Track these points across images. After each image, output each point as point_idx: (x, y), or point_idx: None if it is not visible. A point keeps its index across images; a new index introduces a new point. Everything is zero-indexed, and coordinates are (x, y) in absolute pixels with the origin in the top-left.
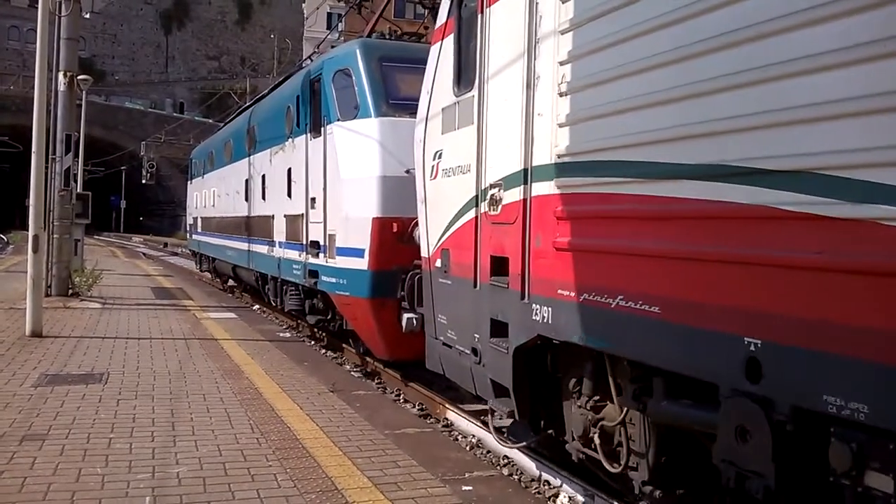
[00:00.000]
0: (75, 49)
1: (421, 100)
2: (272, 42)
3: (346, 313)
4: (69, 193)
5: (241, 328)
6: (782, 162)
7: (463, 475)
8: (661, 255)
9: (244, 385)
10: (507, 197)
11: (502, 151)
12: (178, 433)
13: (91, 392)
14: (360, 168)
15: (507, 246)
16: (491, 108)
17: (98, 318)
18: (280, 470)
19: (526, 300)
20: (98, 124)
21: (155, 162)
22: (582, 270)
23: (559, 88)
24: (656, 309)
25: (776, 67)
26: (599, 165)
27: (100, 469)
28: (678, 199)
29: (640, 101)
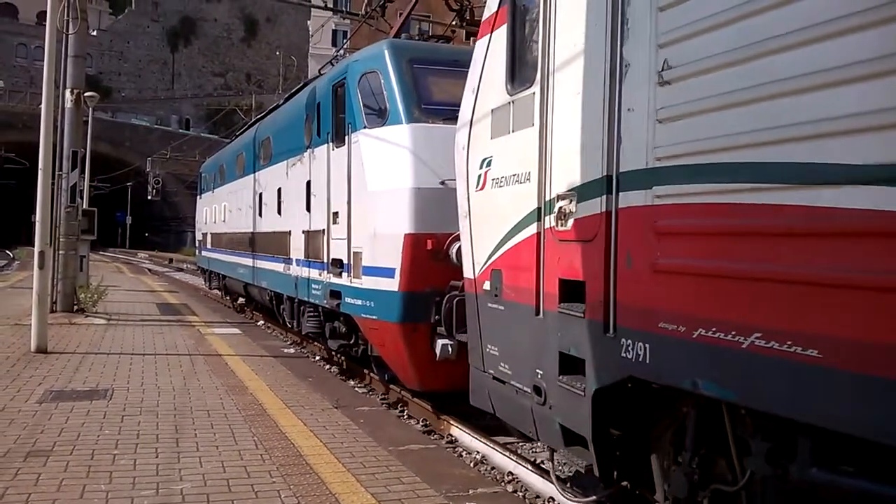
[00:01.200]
0: (82, 66)
1: (464, 102)
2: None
3: (373, 339)
4: (75, 209)
5: (246, 344)
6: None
7: (467, 492)
8: (830, 282)
9: (248, 401)
10: (582, 210)
11: (574, 156)
12: (183, 449)
13: (95, 408)
14: (389, 179)
15: (582, 267)
16: (558, 105)
17: (103, 334)
18: (284, 486)
19: (611, 333)
20: (104, 141)
21: (161, 178)
22: (698, 299)
23: (659, 77)
24: (815, 352)
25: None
26: (724, 169)
27: (104, 485)
28: (852, 212)
29: (797, 83)
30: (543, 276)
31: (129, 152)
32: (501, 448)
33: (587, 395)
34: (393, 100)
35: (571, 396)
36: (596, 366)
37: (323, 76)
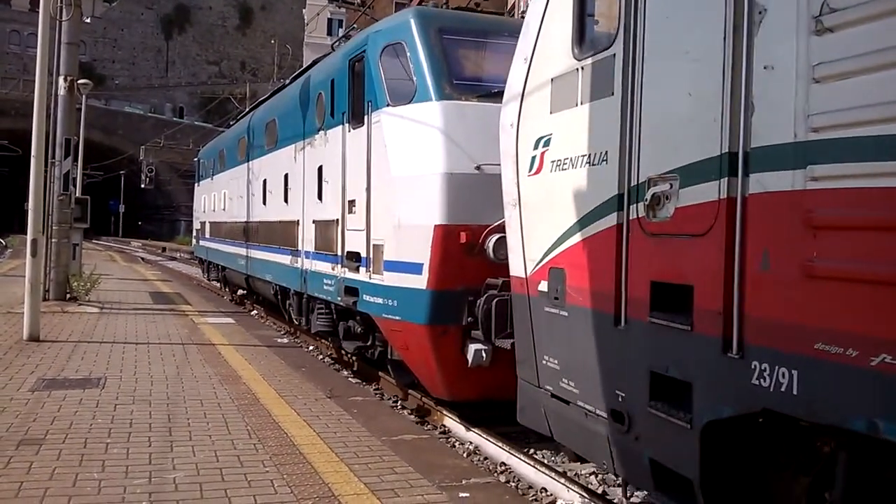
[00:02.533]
0: (76, 53)
1: (513, 72)
2: (272, 47)
3: (396, 341)
4: (68, 198)
5: (239, 333)
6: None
7: (460, 482)
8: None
9: (241, 390)
10: (689, 196)
11: (676, 130)
12: (176, 438)
13: (88, 397)
14: (417, 163)
15: (687, 268)
16: (651, 68)
17: (96, 323)
18: (277, 476)
19: (734, 353)
20: (98, 128)
21: (154, 166)
22: (879, 314)
23: (817, 24)
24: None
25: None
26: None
27: (96, 474)
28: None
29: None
30: (627, 278)
31: (123, 140)
32: (494, 438)
33: (695, 427)
34: (421, 74)
35: (670, 428)
36: (710, 393)
37: (336, 51)
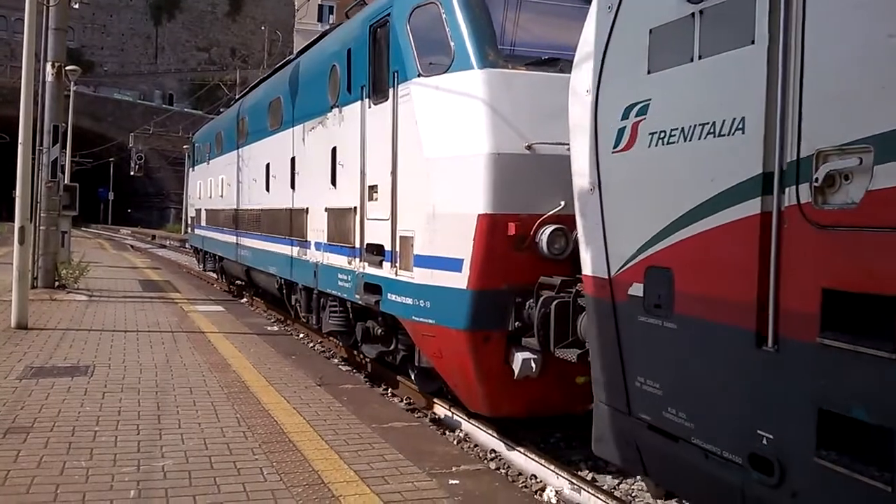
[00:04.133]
0: (63, 39)
1: (590, 25)
2: (263, 34)
3: (427, 348)
4: (56, 185)
5: (229, 321)
6: None
7: (450, 469)
8: None
9: (231, 378)
10: (890, 174)
11: (868, 83)
12: (164, 426)
13: (76, 385)
14: (456, 143)
15: (890, 272)
16: (819, 1)
17: (84, 311)
18: (266, 463)
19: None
20: (86, 115)
21: (143, 154)
22: None
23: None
24: None
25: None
26: None
27: (84, 462)
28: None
29: None
30: (779, 284)
31: (112, 127)
32: (485, 426)
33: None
34: (459, 38)
35: (855, 489)
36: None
37: (351, 19)
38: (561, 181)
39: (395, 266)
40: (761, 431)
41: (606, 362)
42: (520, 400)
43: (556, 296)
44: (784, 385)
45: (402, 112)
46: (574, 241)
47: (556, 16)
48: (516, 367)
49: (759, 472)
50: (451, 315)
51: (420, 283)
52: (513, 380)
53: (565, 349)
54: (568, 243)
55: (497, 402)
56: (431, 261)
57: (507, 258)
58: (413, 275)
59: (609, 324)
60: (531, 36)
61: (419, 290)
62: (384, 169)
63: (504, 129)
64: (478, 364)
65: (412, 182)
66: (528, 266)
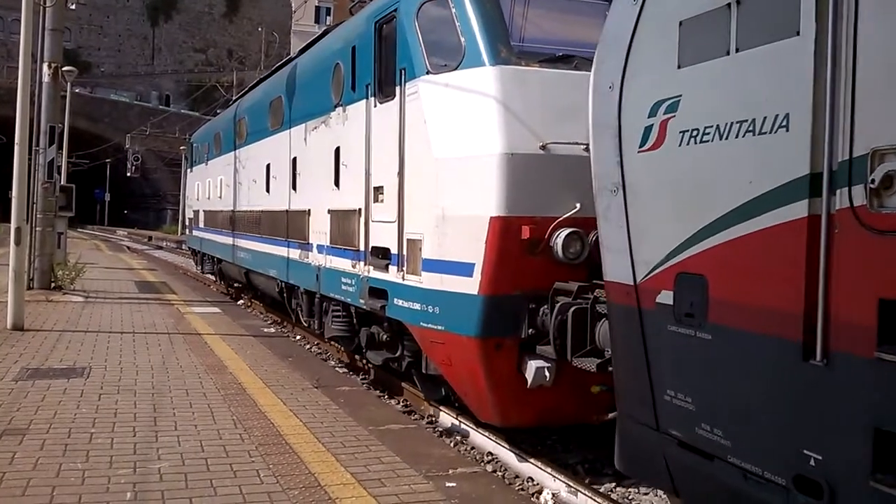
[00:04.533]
0: (60, 40)
1: (613, 17)
2: (260, 35)
3: (435, 355)
4: (52, 186)
5: (226, 323)
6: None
7: (447, 472)
8: None
9: (227, 380)
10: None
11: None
12: (161, 428)
13: (73, 387)
14: (467, 142)
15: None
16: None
17: (80, 312)
18: (263, 466)
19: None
20: (83, 116)
21: (140, 155)
22: None
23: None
24: None
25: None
26: None
27: (80, 464)
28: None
29: None
30: (832, 294)
31: (108, 128)
32: (481, 429)
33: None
34: (470, 34)
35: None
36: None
37: (355, 16)
38: (576, 182)
39: (402, 270)
40: (808, 452)
41: (632, 374)
42: (532, 410)
43: (573, 302)
44: (835, 402)
45: (410, 111)
46: (590, 245)
47: (570, 12)
48: (529, 376)
49: (805, 495)
50: (461, 321)
51: (428, 288)
52: (525, 389)
53: (583, 358)
54: (584, 247)
55: (508, 412)
56: (441, 265)
57: (521, 262)
58: (421, 279)
59: (634, 333)
60: (544, 32)
61: (427, 295)
62: (390, 169)
63: (517, 128)
64: (489, 372)
65: (420, 183)
66: (542, 271)
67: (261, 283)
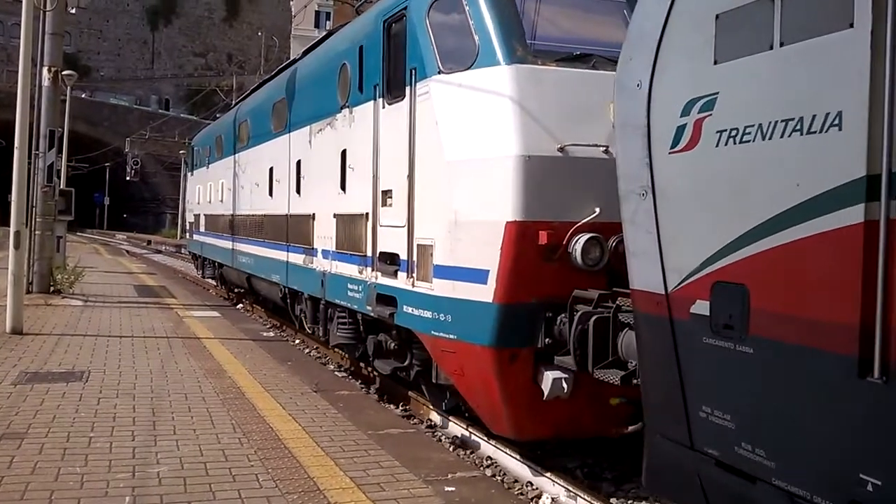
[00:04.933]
0: (60, 44)
1: (641, 10)
2: (259, 40)
3: (447, 365)
4: (52, 189)
5: (225, 327)
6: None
7: (446, 476)
8: None
9: (226, 384)
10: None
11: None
12: (159, 432)
13: (71, 390)
14: (482, 144)
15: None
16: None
17: (80, 316)
18: (262, 470)
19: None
20: (82, 120)
21: (139, 159)
22: None
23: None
24: None
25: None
26: None
27: (79, 468)
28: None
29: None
30: (893, 305)
31: (108, 132)
32: (481, 433)
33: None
34: (484, 32)
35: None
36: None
37: (362, 15)
38: (595, 186)
39: (412, 276)
40: (865, 476)
41: (662, 388)
42: (548, 422)
43: (595, 311)
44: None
45: (421, 112)
46: (610, 251)
47: (586, 10)
48: (546, 388)
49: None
50: (474, 330)
51: (440, 296)
52: (541, 401)
53: (605, 370)
54: (603, 254)
55: (523, 425)
56: (453, 271)
57: (537, 269)
58: (432, 286)
59: (665, 345)
60: (560, 30)
61: (439, 303)
62: (400, 172)
63: (534, 129)
64: (503, 383)
65: (432, 186)
66: (560, 278)
67: (263, 288)
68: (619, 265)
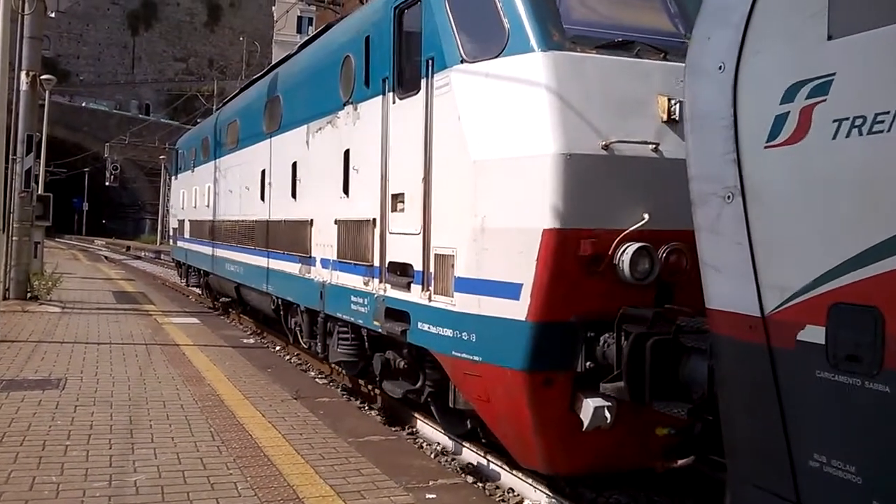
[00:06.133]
0: (39, 48)
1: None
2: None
3: (471, 390)
4: (30, 195)
5: (204, 333)
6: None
7: (427, 483)
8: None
9: (205, 392)
10: None
11: None
12: (137, 441)
13: (48, 398)
14: (514, 141)
15: None
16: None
17: (57, 323)
18: (241, 478)
19: None
20: (61, 125)
21: (119, 164)
22: None
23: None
24: None
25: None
26: None
27: (55, 477)
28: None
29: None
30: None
31: (87, 137)
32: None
33: None
34: (515, 16)
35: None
36: None
37: (368, 3)
38: (643, 189)
39: (428, 290)
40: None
41: (756, 429)
42: (585, 455)
43: (651, 332)
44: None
45: (440, 106)
46: (661, 262)
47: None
48: (586, 418)
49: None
50: (504, 352)
51: (463, 312)
52: (579, 431)
53: (667, 402)
54: (654, 265)
55: (557, 458)
56: (479, 285)
57: (578, 283)
58: (453, 301)
59: (761, 377)
60: (597, 15)
61: (461, 320)
62: (413, 174)
63: (575, 124)
64: (537, 412)
65: (452, 189)
66: (603, 293)
67: (253, 298)
68: (669, 278)
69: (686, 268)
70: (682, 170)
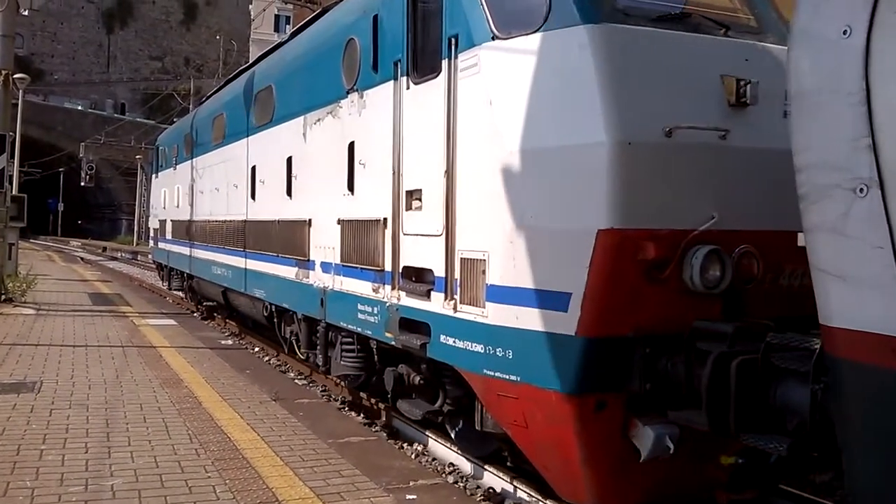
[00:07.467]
0: (11, 46)
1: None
2: (218, 43)
3: (505, 413)
4: (3, 196)
5: (182, 335)
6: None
7: (407, 484)
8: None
9: (183, 394)
10: None
11: None
12: (113, 444)
13: (22, 402)
14: (560, 128)
15: None
16: None
17: (32, 325)
18: (219, 481)
19: None
20: (35, 125)
21: (94, 164)
22: None
23: None
24: None
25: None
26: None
27: (29, 482)
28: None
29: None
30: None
31: (62, 137)
32: (443, 440)
33: None
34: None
35: None
36: None
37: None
38: (710, 182)
39: (453, 298)
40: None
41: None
42: (639, 487)
43: (735, 350)
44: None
45: (465, 89)
46: (733, 267)
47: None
48: (645, 447)
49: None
50: (547, 371)
51: (496, 325)
52: (634, 461)
53: (759, 436)
54: (725, 271)
55: (608, 492)
56: (516, 294)
57: (638, 292)
58: (485, 312)
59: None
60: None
61: (495, 334)
62: (432, 168)
63: (634, 107)
64: (585, 440)
65: (482, 184)
66: (665, 303)
67: (242, 304)
68: (742, 286)
69: (758, 275)
70: (754, 161)
